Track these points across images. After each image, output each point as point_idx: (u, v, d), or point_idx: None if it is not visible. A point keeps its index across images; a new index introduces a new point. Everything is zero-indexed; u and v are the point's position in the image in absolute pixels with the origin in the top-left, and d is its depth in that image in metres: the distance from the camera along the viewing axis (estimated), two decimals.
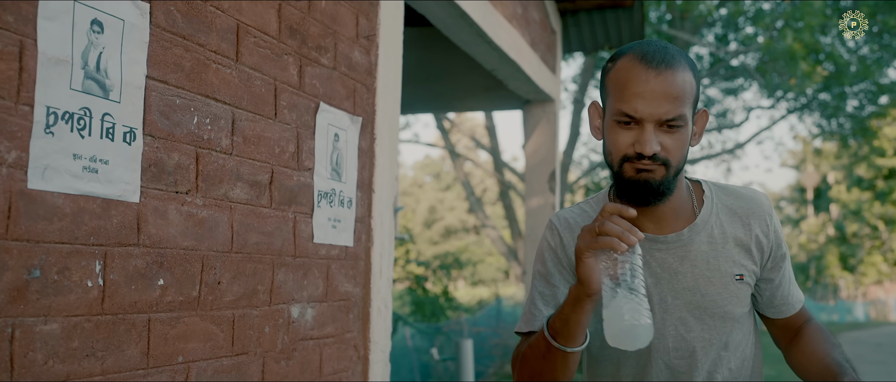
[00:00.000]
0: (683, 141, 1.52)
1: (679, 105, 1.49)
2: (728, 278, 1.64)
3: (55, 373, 1.49)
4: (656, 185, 1.53)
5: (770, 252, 1.67)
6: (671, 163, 1.52)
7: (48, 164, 1.47)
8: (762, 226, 1.66)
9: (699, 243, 1.64)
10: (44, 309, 1.46)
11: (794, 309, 1.73)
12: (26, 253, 1.43)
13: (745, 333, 1.69)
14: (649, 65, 1.50)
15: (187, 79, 1.85)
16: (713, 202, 1.68)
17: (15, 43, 1.41)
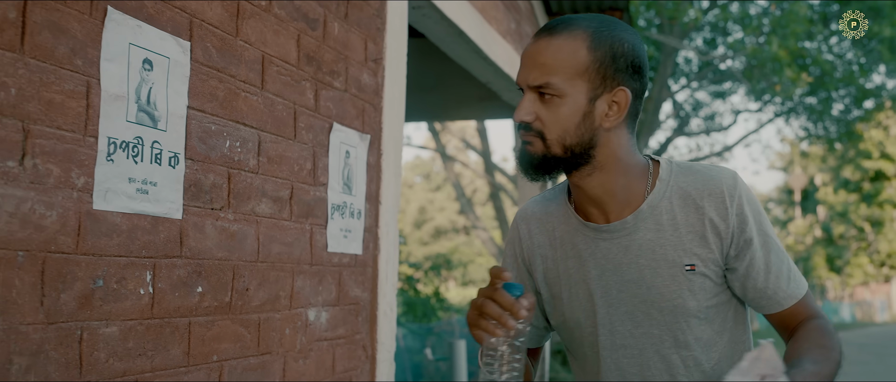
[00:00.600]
0: (561, 113, 1.43)
1: (547, 72, 1.42)
2: (677, 268, 1.49)
3: (114, 371, 1.70)
4: (534, 158, 1.46)
5: (731, 237, 1.48)
6: (546, 136, 1.44)
7: (109, 187, 1.69)
8: (718, 209, 1.48)
9: (645, 231, 1.51)
10: (105, 314, 1.68)
11: (781, 306, 1.51)
12: (92, 266, 1.64)
13: (718, 330, 1.53)
14: (538, 33, 1.47)
15: (221, 107, 2.06)
16: (668, 185, 1.52)
17: (83, 83, 1.62)
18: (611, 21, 1.48)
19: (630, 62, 1.45)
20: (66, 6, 1.58)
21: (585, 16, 1.48)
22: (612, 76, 1.44)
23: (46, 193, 1.53)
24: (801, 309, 1.51)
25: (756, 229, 1.48)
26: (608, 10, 5.76)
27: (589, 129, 1.44)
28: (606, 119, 1.44)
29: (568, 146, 1.44)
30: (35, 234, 1.51)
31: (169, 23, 1.87)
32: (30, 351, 1.50)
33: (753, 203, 1.50)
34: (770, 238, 1.49)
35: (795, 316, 1.51)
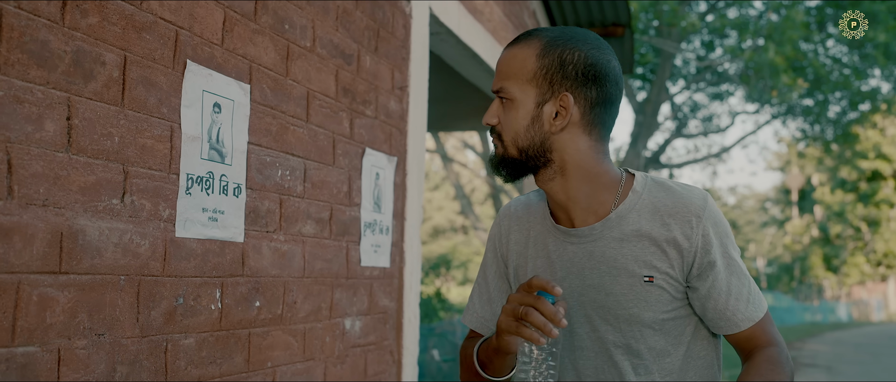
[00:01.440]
0: (513, 117, 1.51)
1: (502, 78, 1.52)
2: (636, 279, 1.53)
3: (191, 376, 1.96)
4: (495, 158, 1.56)
5: (694, 257, 1.51)
6: (503, 138, 1.53)
7: (187, 217, 1.94)
8: (684, 228, 1.51)
9: (609, 239, 1.55)
10: (185, 327, 1.93)
11: (738, 327, 1.54)
12: (174, 286, 1.90)
13: (672, 343, 1.56)
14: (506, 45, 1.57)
15: (274, 141, 2.32)
16: (640, 198, 1.56)
17: (168, 128, 1.88)
18: (574, 33, 1.54)
19: (580, 71, 1.49)
20: (155, 63, 1.83)
21: (554, 28, 1.55)
22: (559, 83, 1.49)
23: (140, 225, 1.79)
24: (758, 333, 1.54)
25: (720, 252, 1.52)
26: (611, 25, 6.02)
27: (538, 133, 1.51)
28: (554, 123, 1.50)
29: (521, 148, 1.52)
30: (132, 261, 1.76)
31: (233, 69, 2.12)
32: (128, 361, 1.75)
33: (720, 226, 1.54)
34: (734, 261, 1.54)
35: (752, 340, 1.55)
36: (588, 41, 1.52)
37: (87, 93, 1.64)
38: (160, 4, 1.85)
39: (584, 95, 1.50)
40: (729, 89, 17.88)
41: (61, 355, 1.57)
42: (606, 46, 1.54)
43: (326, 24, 2.61)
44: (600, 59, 1.51)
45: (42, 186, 1.53)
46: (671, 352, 1.55)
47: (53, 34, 1.56)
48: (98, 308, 1.67)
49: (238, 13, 2.14)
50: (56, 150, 1.57)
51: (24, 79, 1.50)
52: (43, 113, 1.54)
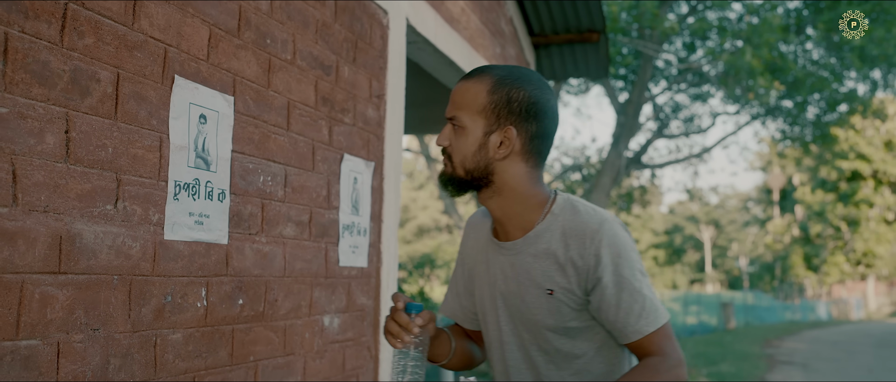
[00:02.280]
0: (463, 142, 1.73)
1: (456, 108, 1.74)
2: (541, 291, 1.75)
3: (178, 370, 2.11)
4: (444, 177, 1.79)
5: (586, 274, 1.71)
6: (454, 159, 1.75)
7: (175, 221, 2.09)
8: (579, 248, 1.71)
9: (526, 255, 1.77)
10: (173, 323, 2.09)
11: (628, 338, 1.73)
12: (163, 285, 2.05)
13: (580, 346, 1.78)
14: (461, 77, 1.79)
15: (256, 149, 2.47)
16: (556, 219, 1.76)
17: (157, 139, 2.03)
18: (520, 73, 1.77)
19: (524, 108, 1.73)
20: (146, 79, 1.98)
21: (502, 66, 1.79)
22: (505, 117, 1.73)
23: (132, 229, 1.94)
24: (647, 344, 1.72)
25: (611, 270, 1.70)
26: (586, 31, 6.19)
27: (484, 158, 1.74)
28: (498, 151, 1.73)
29: (467, 169, 1.75)
30: (125, 262, 1.91)
31: (218, 82, 2.27)
32: (121, 354, 1.90)
33: (614, 247, 1.71)
34: (625, 279, 1.70)
35: (642, 349, 1.73)
36: (532, 81, 1.76)
37: (84, 108, 1.79)
38: (150, 24, 2.00)
39: (525, 129, 1.74)
40: (710, 90, 18.07)
41: (60, 348, 1.72)
42: (547, 86, 1.78)
43: (306, 37, 2.76)
44: (541, 98, 1.75)
45: (43, 194, 1.68)
46: (580, 355, 1.79)
47: (53, 55, 1.71)
48: (93, 305, 1.82)
49: (222, 30, 2.29)
50: (56, 161, 1.71)
51: (27, 96, 1.65)
52: (44, 127, 1.69)
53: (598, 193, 15.19)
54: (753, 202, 55.77)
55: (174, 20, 2.09)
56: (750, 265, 55.39)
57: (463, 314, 2.01)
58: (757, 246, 53.39)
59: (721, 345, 18.16)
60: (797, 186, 41.79)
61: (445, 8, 4.28)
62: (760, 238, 51.36)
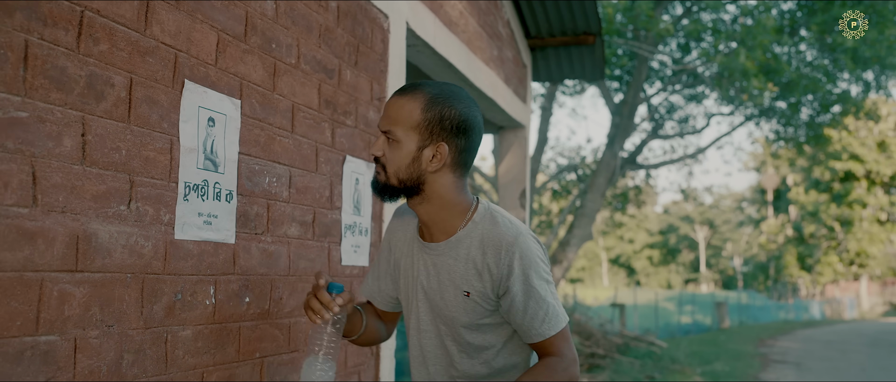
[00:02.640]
0: (398, 154, 1.90)
1: (391, 123, 1.90)
2: (458, 292, 1.97)
3: (188, 365, 2.17)
4: (378, 184, 1.97)
5: (499, 281, 1.92)
6: (388, 169, 1.93)
7: (185, 221, 2.15)
8: (494, 257, 1.92)
9: (447, 257, 1.98)
10: (183, 320, 2.15)
11: (531, 339, 1.95)
12: (174, 283, 2.11)
13: (489, 340, 2.01)
14: (396, 91, 1.96)
15: (262, 151, 2.53)
16: (476, 226, 1.97)
17: (167, 142, 2.09)
18: (450, 91, 1.95)
19: (455, 125, 1.91)
20: (157, 83, 2.04)
21: (434, 83, 1.96)
22: (437, 133, 1.90)
23: (144, 228, 2.00)
24: (548, 346, 1.95)
25: (521, 280, 1.91)
26: (582, 34, 6.27)
27: (417, 170, 1.92)
28: (430, 164, 1.91)
29: (401, 179, 1.93)
30: (137, 261, 1.98)
31: (225, 86, 2.34)
32: (134, 350, 1.97)
33: (525, 259, 1.92)
34: (534, 288, 1.92)
35: (543, 349, 1.96)
36: (462, 99, 1.94)
37: (99, 112, 1.85)
38: (161, 30, 2.06)
39: (455, 144, 1.93)
40: (704, 91, 18.15)
41: (77, 344, 1.79)
42: (474, 103, 1.98)
43: (310, 41, 2.82)
44: (470, 116, 1.94)
45: (61, 195, 1.74)
46: (488, 348, 2.03)
47: (70, 60, 1.77)
48: (108, 302, 1.88)
49: (230, 35, 2.36)
50: (72, 163, 1.78)
51: (46, 101, 1.71)
52: (62, 130, 1.75)
53: (593, 193, 15.26)
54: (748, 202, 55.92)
55: (184, 26, 2.15)
56: (744, 265, 55.53)
57: (380, 297, 2.21)
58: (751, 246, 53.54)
59: (715, 344, 18.26)
60: (791, 186, 41.92)
61: (444, 11, 4.34)
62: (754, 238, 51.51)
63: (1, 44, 1.60)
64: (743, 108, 17.86)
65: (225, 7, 2.33)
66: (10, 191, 1.62)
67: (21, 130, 1.65)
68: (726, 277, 59.76)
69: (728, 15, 16.08)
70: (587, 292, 39.29)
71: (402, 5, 3.65)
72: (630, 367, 12.77)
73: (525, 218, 6.41)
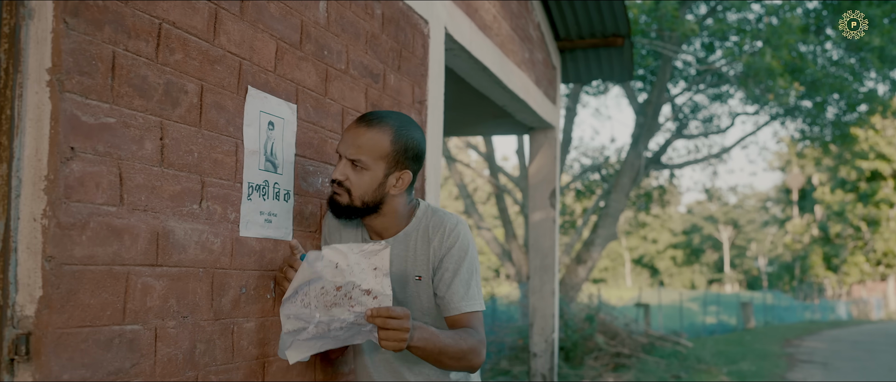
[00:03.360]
0: (364, 180, 2.20)
1: (360, 152, 2.18)
2: (411, 277, 2.30)
3: (251, 355, 2.30)
4: (340, 206, 2.25)
5: (439, 259, 2.27)
6: (353, 193, 2.21)
7: (248, 220, 2.29)
8: (439, 239, 2.28)
9: (399, 250, 2.31)
10: (247, 312, 2.28)
11: (448, 312, 2.27)
12: (239, 278, 2.25)
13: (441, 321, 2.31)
14: (359, 121, 2.23)
15: (315, 152, 2.66)
16: (420, 221, 2.34)
17: (233, 144, 2.22)
18: (408, 121, 2.28)
19: (414, 154, 2.26)
20: (224, 90, 2.18)
21: (392, 114, 2.27)
22: (402, 162, 2.24)
23: (214, 226, 2.13)
24: (465, 320, 2.26)
25: (455, 258, 2.27)
26: (611, 36, 6.36)
27: (380, 193, 2.25)
28: (394, 188, 2.25)
29: (365, 202, 2.25)
30: (208, 256, 2.11)
31: (283, 92, 2.47)
32: (205, 339, 2.10)
33: (465, 243, 2.29)
34: (463, 268, 2.27)
35: (459, 323, 2.26)
36: (417, 129, 2.32)
37: (175, 118, 1.99)
38: (228, 39, 2.20)
39: (413, 169, 2.29)
40: (729, 91, 18.14)
41: (157, 333, 1.92)
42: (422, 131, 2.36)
43: (358, 48, 2.95)
44: (423, 143, 2.32)
45: (143, 194, 1.88)
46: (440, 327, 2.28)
47: (151, 69, 1.91)
48: (183, 295, 2.01)
49: (287, 43, 2.49)
50: (152, 165, 1.91)
51: (130, 107, 1.85)
52: (143, 134, 1.88)
53: (617, 193, 15.33)
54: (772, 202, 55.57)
55: (247, 36, 2.29)
56: (769, 265, 55.22)
57: None
58: (776, 246, 53.21)
59: (741, 344, 18.26)
60: (817, 186, 41.64)
61: (479, 15, 4.46)
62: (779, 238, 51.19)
63: (93, 55, 1.74)
64: (768, 108, 17.84)
65: (283, 16, 2.46)
66: (101, 191, 1.75)
67: (109, 135, 1.79)
68: (751, 277, 59.45)
69: (752, 14, 16.09)
70: (611, 292, 39.25)
71: (441, 11, 3.78)
72: (656, 366, 12.83)
73: (555, 218, 6.52)
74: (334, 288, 2.00)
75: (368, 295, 1.96)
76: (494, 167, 17.65)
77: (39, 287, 1.61)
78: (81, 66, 1.71)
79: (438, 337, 2.09)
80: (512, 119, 6.25)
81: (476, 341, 2.20)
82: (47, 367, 1.62)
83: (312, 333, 2.04)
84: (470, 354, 2.18)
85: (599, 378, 12.07)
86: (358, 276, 1.96)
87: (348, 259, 1.98)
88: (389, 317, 1.93)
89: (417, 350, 2.07)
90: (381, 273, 1.96)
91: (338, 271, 1.99)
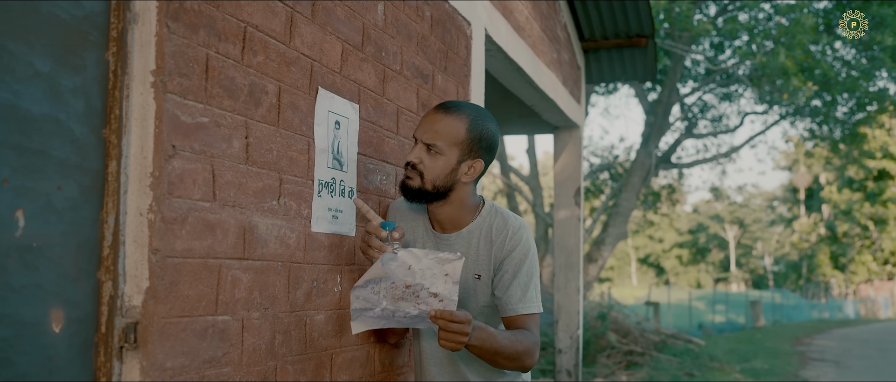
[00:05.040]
0: (438, 164, 2.25)
1: (437, 137, 2.24)
2: (470, 275, 2.36)
3: (321, 346, 2.38)
4: (412, 188, 2.30)
5: (500, 262, 2.33)
6: (425, 176, 2.27)
7: (319, 216, 2.37)
8: (502, 241, 2.33)
9: (459, 246, 2.36)
10: (317, 305, 2.36)
11: (506, 312, 2.33)
12: (311, 272, 2.33)
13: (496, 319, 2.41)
14: (437, 107, 2.30)
15: (375, 151, 2.74)
16: (484, 220, 2.38)
17: (305, 143, 2.30)
18: (485, 113, 2.33)
19: (488, 145, 2.32)
20: (298, 90, 2.26)
21: (470, 105, 2.33)
22: (475, 151, 2.30)
23: (290, 221, 2.22)
24: (521, 322, 2.31)
25: (516, 261, 2.32)
26: (635, 36, 6.44)
27: (452, 179, 2.30)
28: (465, 176, 2.31)
29: (436, 186, 2.30)
30: (285, 251, 2.19)
31: (347, 92, 2.55)
32: (283, 330, 2.18)
33: (527, 247, 2.34)
34: (522, 271, 2.32)
35: (515, 323, 2.32)
36: (493, 121, 2.36)
37: (257, 117, 2.07)
38: (302, 42, 2.28)
39: (484, 160, 2.34)
40: (738, 90, 18.18)
41: (244, 323, 2.00)
42: (497, 124, 2.38)
43: (410, 49, 3.03)
44: (497, 137, 2.37)
45: (231, 191, 1.96)
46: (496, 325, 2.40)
47: (237, 71, 1.99)
48: (264, 287, 2.10)
49: (351, 45, 2.57)
50: (239, 163, 1.99)
51: (221, 107, 1.93)
52: (232, 133, 1.97)
53: (627, 192, 15.39)
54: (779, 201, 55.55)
55: (318, 38, 2.37)
56: (775, 264, 55.21)
57: None
58: (782, 245, 53.21)
59: (752, 342, 18.32)
60: (824, 185, 41.62)
61: (514, 17, 4.54)
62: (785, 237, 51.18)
63: (190, 57, 1.82)
64: (777, 107, 17.87)
65: (347, 19, 2.54)
66: (197, 187, 1.84)
67: (203, 133, 1.87)
68: (756, 277, 59.43)
69: (762, 14, 16.12)
70: (618, 291, 39.30)
71: (481, 12, 3.85)
72: (668, 364, 12.89)
73: (580, 216, 6.59)
74: (404, 285, 2.10)
75: (435, 298, 2.07)
76: (506, 166, 17.72)
77: (146, 278, 1.69)
78: (181, 68, 1.79)
79: (495, 339, 2.16)
80: (538, 118, 6.32)
81: (530, 343, 2.27)
82: (153, 355, 1.71)
83: (378, 314, 2.19)
84: (524, 355, 2.25)
85: (612, 375, 12.15)
86: (429, 280, 2.07)
87: (421, 262, 2.07)
88: (451, 321, 2.03)
89: (474, 348, 2.16)
90: (451, 280, 2.06)
91: (410, 272, 2.09)
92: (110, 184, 1.68)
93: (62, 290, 1.56)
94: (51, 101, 1.53)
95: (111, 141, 1.68)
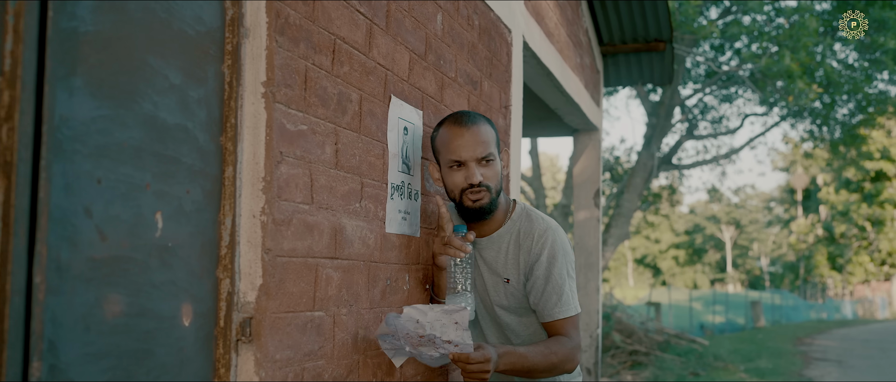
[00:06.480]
0: (496, 170, 2.33)
1: (487, 146, 2.32)
2: (500, 279, 2.43)
3: None
4: (487, 206, 2.35)
5: (530, 267, 2.37)
6: (492, 187, 2.33)
7: (391, 217, 2.49)
8: (529, 246, 2.38)
9: (491, 250, 2.45)
10: (390, 303, 2.48)
11: (543, 318, 2.38)
12: (384, 270, 2.45)
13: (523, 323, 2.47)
14: (462, 124, 2.32)
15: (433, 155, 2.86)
16: (514, 224, 2.44)
17: (381, 148, 2.43)
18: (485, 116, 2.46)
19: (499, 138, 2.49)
20: (375, 98, 2.38)
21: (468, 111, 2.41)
22: (500, 146, 2.43)
23: (369, 223, 2.34)
24: (559, 327, 2.36)
25: (545, 265, 2.36)
26: (653, 40, 6.57)
27: (503, 179, 2.41)
28: (504, 169, 2.49)
29: (498, 192, 2.38)
30: (365, 250, 2.31)
31: (413, 99, 2.67)
32: (364, 326, 2.31)
33: (554, 249, 2.37)
34: (553, 274, 2.35)
35: (553, 329, 2.37)
36: None
37: (343, 124, 2.19)
38: (378, 53, 2.40)
39: None
40: (738, 91, 18.30)
41: (335, 319, 2.13)
42: None
43: (462, 57, 3.16)
44: None
45: (324, 194, 2.08)
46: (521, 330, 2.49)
47: (329, 81, 2.11)
48: (350, 285, 2.22)
49: (416, 54, 2.69)
50: (330, 168, 2.12)
51: (316, 116, 2.05)
52: (325, 140, 2.09)
53: (629, 193, 15.52)
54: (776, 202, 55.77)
55: (390, 48, 2.49)
56: (771, 265, 55.42)
57: None
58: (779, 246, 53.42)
59: (754, 342, 18.46)
60: (821, 186, 41.80)
61: (545, 23, 4.67)
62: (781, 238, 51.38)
63: (293, 69, 1.94)
64: (778, 108, 17.99)
65: (414, 29, 2.67)
66: (298, 191, 1.96)
67: (303, 140, 1.99)
68: (753, 277, 59.65)
69: (763, 16, 16.25)
70: (617, 292, 39.45)
71: (520, 20, 3.98)
72: (673, 364, 13.03)
73: (598, 217, 6.72)
74: (418, 336, 2.15)
75: (450, 344, 2.11)
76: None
77: (260, 276, 1.81)
78: (286, 80, 1.91)
79: (526, 359, 2.20)
80: (559, 121, 6.45)
81: (567, 350, 2.31)
82: (265, 348, 1.83)
83: (406, 353, 2.23)
84: (562, 363, 2.30)
85: (617, 375, 12.27)
86: (439, 330, 2.08)
87: (428, 316, 2.07)
88: (469, 363, 2.08)
89: (506, 372, 2.22)
90: (461, 327, 2.07)
91: (419, 325, 2.11)
92: (227, 189, 1.80)
93: (190, 287, 1.68)
94: (182, 111, 1.65)
95: (227, 148, 1.80)
